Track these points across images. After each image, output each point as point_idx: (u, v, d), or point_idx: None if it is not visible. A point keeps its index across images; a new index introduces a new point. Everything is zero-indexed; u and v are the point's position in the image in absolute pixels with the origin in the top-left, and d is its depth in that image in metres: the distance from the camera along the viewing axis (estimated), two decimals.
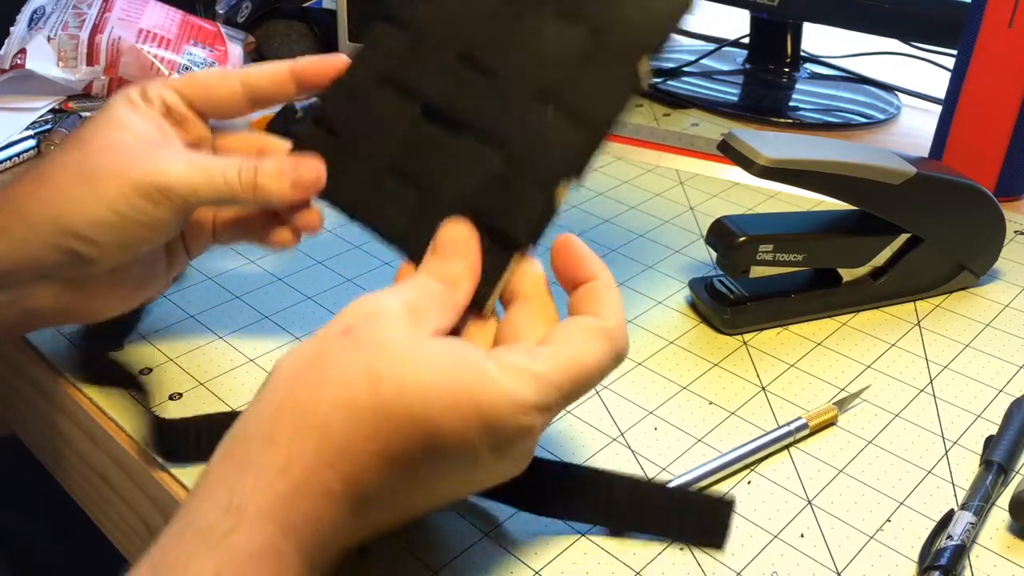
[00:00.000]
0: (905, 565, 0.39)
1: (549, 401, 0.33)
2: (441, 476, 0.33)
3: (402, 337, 0.33)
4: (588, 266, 0.37)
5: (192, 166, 0.41)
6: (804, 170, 0.51)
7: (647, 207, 0.67)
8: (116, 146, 0.41)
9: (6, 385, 0.55)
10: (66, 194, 0.40)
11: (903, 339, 0.53)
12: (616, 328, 0.35)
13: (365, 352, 0.32)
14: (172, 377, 0.48)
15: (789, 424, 0.45)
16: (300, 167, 0.42)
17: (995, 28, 0.64)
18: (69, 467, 0.52)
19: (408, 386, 0.31)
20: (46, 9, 0.78)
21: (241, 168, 0.42)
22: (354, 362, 0.32)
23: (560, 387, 0.33)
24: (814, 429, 0.46)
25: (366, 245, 0.61)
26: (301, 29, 0.88)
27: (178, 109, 0.44)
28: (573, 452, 0.44)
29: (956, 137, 0.69)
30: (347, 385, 0.32)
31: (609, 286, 0.37)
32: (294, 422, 0.31)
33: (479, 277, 0.38)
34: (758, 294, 0.54)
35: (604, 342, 0.35)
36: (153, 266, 0.46)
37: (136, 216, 0.40)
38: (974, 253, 0.57)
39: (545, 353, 0.34)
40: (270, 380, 0.33)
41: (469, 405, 0.32)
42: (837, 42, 0.97)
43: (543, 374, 0.33)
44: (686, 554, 0.39)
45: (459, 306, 0.37)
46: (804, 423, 0.45)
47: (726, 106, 0.86)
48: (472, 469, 0.34)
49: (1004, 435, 0.44)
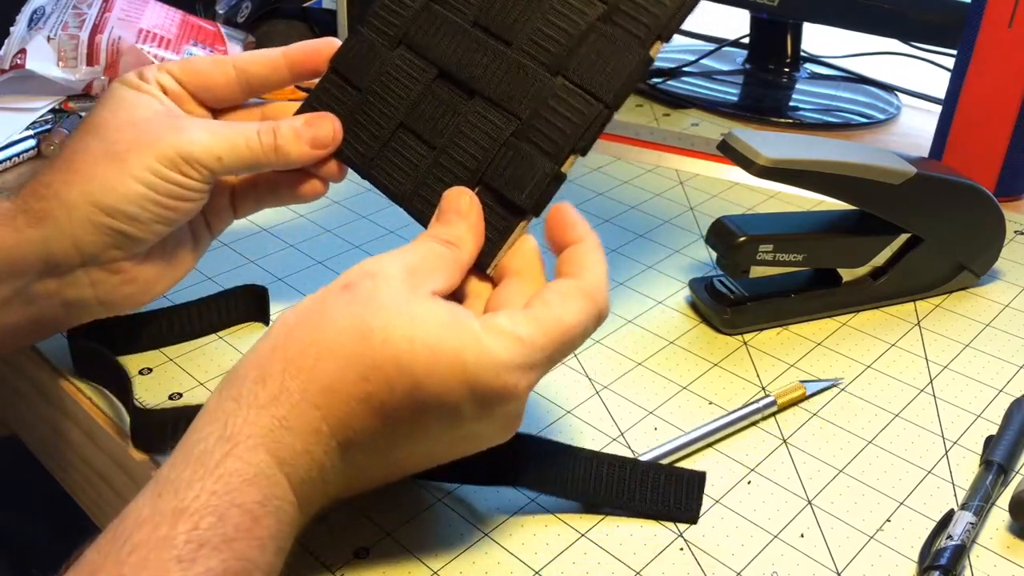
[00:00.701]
0: (905, 565, 0.39)
1: (532, 361, 0.34)
2: (425, 430, 0.34)
3: (397, 295, 0.34)
4: (575, 230, 0.38)
5: (213, 134, 0.42)
6: (804, 170, 0.51)
7: (647, 207, 0.67)
8: (135, 123, 0.42)
9: (6, 385, 0.55)
10: (98, 176, 0.41)
11: (903, 339, 0.53)
12: (596, 288, 0.36)
13: (361, 306, 0.34)
14: (172, 377, 0.48)
15: (757, 401, 0.46)
16: (316, 126, 0.44)
17: (995, 28, 0.64)
18: (69, 467, 0.52)
19: (396, 339, 0.33)
20: (46, 9, 0.78)
21: (260, 132, 0.43)
22: (349, 314, 0.34)
23: (544, 348, 0.34)
24: (783, 406, 0.47)
25: (366, 245, 0.61)
26: (301, 29, 0.88)
27: (175, 91, 0.45)
28: None
29: (956, 137, 0.69)
30: (338, 333, 0.33)
31: (592, 249, 0.38)
32: (284, 362, 0.33)
33: (482, 239, 0.39)
34: (758, 294, 0.54)
35: (585, 302, 0.35)
36: (180, 245, 0.47)
37: (166, 187, 0.41)
38: (974, 253, 0.57)
39: (528, 315, 0.35)
40: (271, 327, 0.35)
41: (454, 361, 0.33)
42: (837, 42, 0.97)
43: (527, 335, 0.34)
44: (686, 554, 0.39)
45: (462, 266, 0.38)
46: (772, 400, 0.47)
47: (726, 106, 0.86)
48: (455, 425, 0.35)
49: (1004, 435, 0.44)
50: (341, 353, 0.33)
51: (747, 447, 0.45)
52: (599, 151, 0.75)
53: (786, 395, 0.47)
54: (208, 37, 0.81)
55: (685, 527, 0.40)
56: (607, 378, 0.49)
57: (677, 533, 0.40)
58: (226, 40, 0.82)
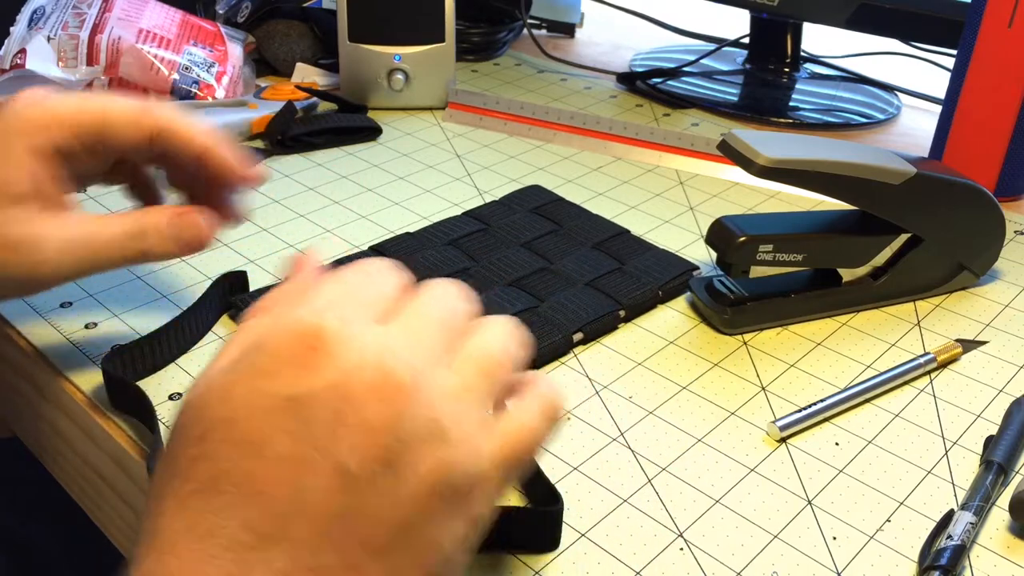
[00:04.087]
0: (905, 565, 0.39)
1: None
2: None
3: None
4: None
5: (65, 253, 0.42)
6: (804, 170, 0.51)
7: (647, 207, 0.67)
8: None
9: (6, 385, 0.55)
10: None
11: (903, 339, 0.53)
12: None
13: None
14: (172, 377, 0.48)
15: (917, 359, 0.50)
16: (182, 226, 0.44)
17: (995, 28, 0.64)
18: (69, 467, 0.52)
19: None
20: (46, 9, 0.78)
21: (126, 242, 0.43)
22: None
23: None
24: (942, 363, 0.51)
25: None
26: (301, 29, 0.88)
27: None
28: (573, 452, 0.44)
29: (956, 137, 0.69)
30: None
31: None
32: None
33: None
34: (758, 294, 0.54)
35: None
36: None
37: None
38: (974, 253, 0.57)
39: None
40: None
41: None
42: (837, 42, 0.97)
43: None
44: (686, 554, 0.39)
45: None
46: (932, 357, 0.50)
47: (726, 106, 0.86)
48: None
49: (1004, 435, 0.44)
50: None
51: (747, 447, 0.45)
52: (599, 151, 0.75)
53: (944, 353, 0.51)
54: (208, 37, 0.81)
55: (685, 527, 0.40)
56: (607, 378, 0.49)
57: (677, 533, 0.40)
58: (226, 40, 0.82)
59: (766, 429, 0.46)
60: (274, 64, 0.88)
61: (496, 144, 0.77)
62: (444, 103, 0.83)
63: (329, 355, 0.27)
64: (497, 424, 0.31)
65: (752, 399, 0.48)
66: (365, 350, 0.27)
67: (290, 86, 0.81)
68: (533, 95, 0.88)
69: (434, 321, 0.31)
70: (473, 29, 0.97)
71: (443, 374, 0.29)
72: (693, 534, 0.40)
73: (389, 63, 0.80)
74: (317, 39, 0.88)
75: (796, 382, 0.49)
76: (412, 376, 0.28)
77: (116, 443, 0.45)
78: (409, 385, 0.28)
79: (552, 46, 1.02)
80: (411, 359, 0.28)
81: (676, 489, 0.42)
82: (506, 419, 0.31)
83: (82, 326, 0.52)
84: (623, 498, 0.42)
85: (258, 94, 0.79)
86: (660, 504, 0.42)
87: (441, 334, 0.31)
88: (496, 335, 0.32)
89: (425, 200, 0.67)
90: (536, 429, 0.32)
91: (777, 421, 0.45)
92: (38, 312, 0.53)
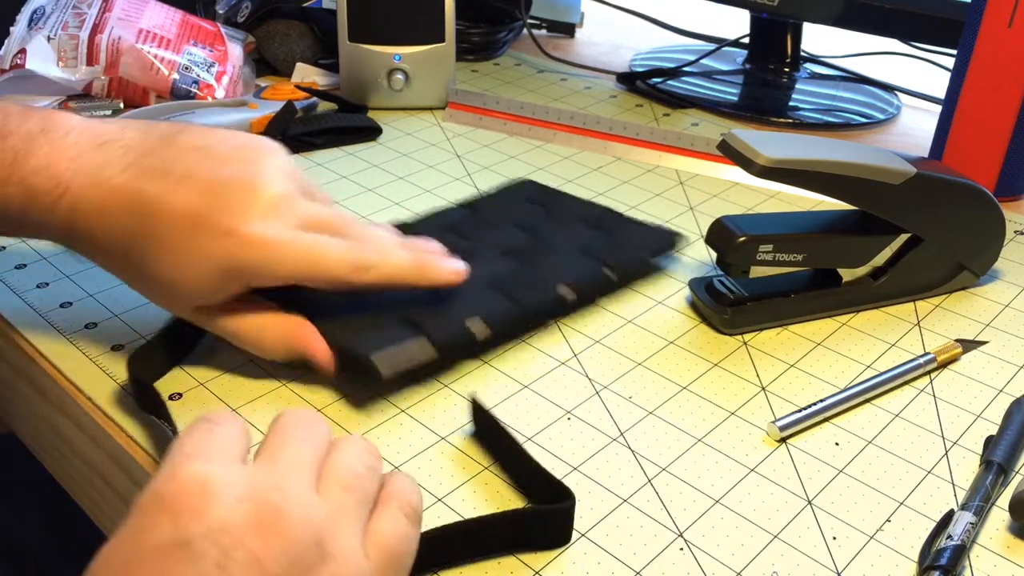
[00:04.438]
0: (905, 565, 0.39)
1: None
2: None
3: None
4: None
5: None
6: (804, 170, 0.51)
7: (647, 207, 0.67)
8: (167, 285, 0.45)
9: (6, 385, 0.55)
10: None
11: (903, 339, 0.53)
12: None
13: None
14: (172, 377, 0.48)
15: (917, 359, 0.50)
16: (292, 336, 0.46)
17: (995, 28, 0.64)
18: (69, 466, 0.52)
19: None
20: (46, 9, 0.78)
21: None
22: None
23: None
24: (941, 363, 0.51)
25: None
26: (301, 29, 0.88)
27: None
28: (573, 452, 0.44)
29: (956, 137, 0.69)
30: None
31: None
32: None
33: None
34: (758, 294, 0.54)
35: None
36: None
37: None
38: (974, 253, 0.57)
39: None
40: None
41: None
42: (837, 42, 0.97)
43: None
44: (686, 554, 0.39)
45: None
46: (932, 357, 0.50)
47: (726, 106, 0.86)
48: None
49: (1004, 435, 0.44)
50: None
51: (747, 447, 0.45)
52: (599, 151, 0.75)
53: (944, 353, 0.51)
54: (208, 37, 0.81)
55: (685, 527, 0.40)
56: (607, 378, 0.49)
57: (677, 533, 0.40)
58: (226, 40, 0.82)
59: (766, 429, 0.46)
60: (274, 64, 0.88)
61: (496, 144, 0.77)
62: (444, 103, 0.83)
63: (206, 498, 0.29)
64: (369, 537, 0.32)
65: (752, 399, 0.48)
66: (236, 488, 0.29)
67: (290, 86, 0.81)
68: (533, 95, 0.88)
69: (295, 452, 0.33)
70: (473, 29, 0.97)
71: (314, 497, 0.31)
72: (693, 534, 0.40)
73: (389, 63, 0.80)
74: (317, 39, 0.88)
75: (796, 382, 0.49)
76: (287, 504, 0.30)
77: (116, 443, 0.45)
78: (287, 512, 0.29)
79: (552, 46, 1.02)
80: (282, 488, 0.30)
81: (676, 489, 0.42)
82: (375, 531, 0.33)
83: (82, 326, 0.52)
84: (623, 498, 0.42)
85: (258, 94, 0.79)
86: (660, 504, 0.42)
87: (305, 461, 0.33)
88: (352, 451, 0.34)
89: (425, 200, 0.67)
90: (403, 533, 0.34)
91: (777, 421, 0.45)
92: (38, 312, 0.53)
